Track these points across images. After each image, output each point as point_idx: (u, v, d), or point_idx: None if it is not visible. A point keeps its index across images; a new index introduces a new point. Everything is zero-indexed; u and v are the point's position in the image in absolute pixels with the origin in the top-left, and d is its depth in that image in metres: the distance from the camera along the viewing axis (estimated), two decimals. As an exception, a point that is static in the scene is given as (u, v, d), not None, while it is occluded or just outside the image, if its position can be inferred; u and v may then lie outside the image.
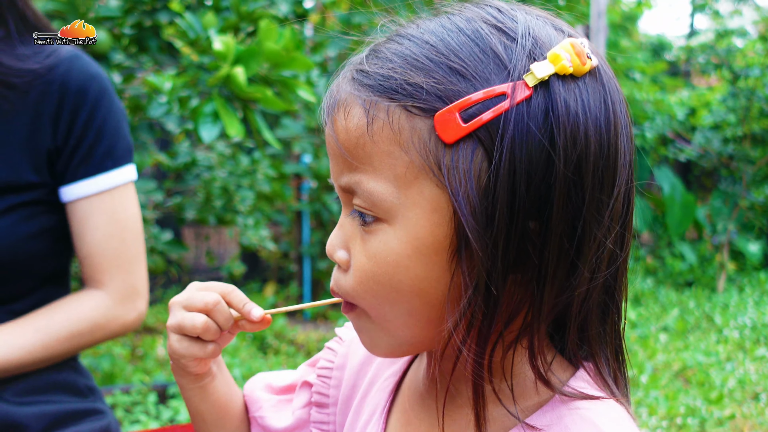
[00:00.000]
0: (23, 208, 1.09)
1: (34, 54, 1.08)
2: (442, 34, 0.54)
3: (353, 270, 0.56)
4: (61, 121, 1.09)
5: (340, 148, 0.55)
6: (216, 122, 1.88)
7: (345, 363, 0.73)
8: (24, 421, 1.09)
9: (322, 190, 4.63)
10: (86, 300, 1.10)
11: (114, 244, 1.13)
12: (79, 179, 1.11)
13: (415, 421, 0.63)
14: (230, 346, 3.93)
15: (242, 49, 1.93)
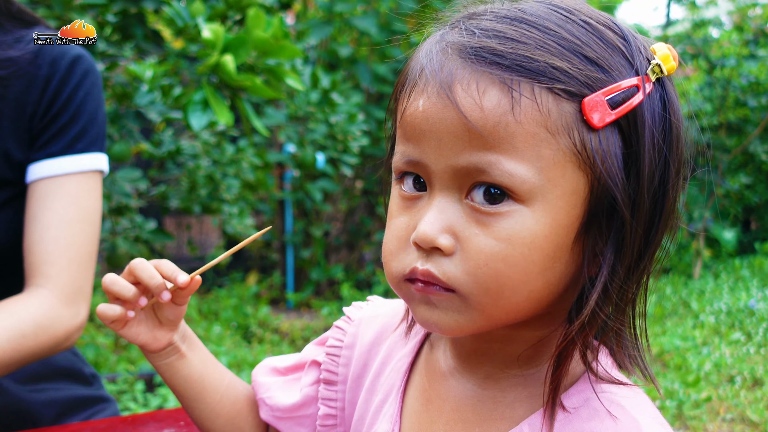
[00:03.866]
0: (19, 201, 1.07)
1: (15, 41, 1.05)
2: (558, 23, 0.56)
3: (471, 253, 0.54)
4: (45, 98, 1.05)
5: (471, 126, 0.53)
6: (205, 110, 1.88)
7: (354, 342, 0.75)
8: (36, 409, 1.10)
9: (305, 179, 4.63)
10: (29, 299, 0.99)
11: (71, 232, 1.03)
12: (46, 158, 1.05)
13: (437, 401, 0.64)
14: (214, 335, 3.94)
15: (231, 38, 1.93)
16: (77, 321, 1.03)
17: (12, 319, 0.96)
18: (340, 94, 2.95)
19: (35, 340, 0.97)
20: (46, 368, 1.17)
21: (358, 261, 5.40)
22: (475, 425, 0.61)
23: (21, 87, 1.05)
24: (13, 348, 0.95)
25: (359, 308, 0.78)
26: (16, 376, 1.12)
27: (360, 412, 0.71)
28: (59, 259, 1.02)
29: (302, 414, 0.76)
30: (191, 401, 0.76)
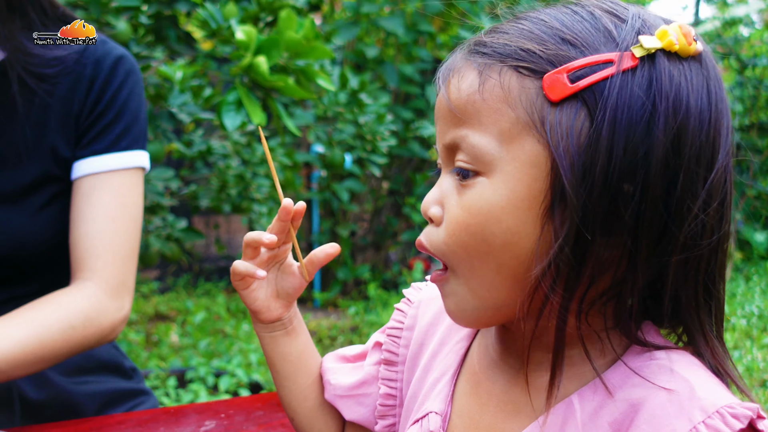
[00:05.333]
0: (65, 197, 1.11)
1: (56, 46, 1.09)
2: (557, 15, 0.59)
3: (446, 222, 0.60)
4: (90, 98, 1.09)
5: (450, 107, 0.59)
6: (239, 111, 1.91)
7: (414, 323, 0.77)
8: (80, 400, 1.14)
9: (332, 179, 4.66)
10: (77, 292, 1.02)
11: (115, 227, 1.06)
12: (91, 155, 1.09)
13: (487, 383, 0.66)
14: (243, 333, 3.98)
15: (263, 39, 1.96)
16: (121, 314, 1.07)
17: (62, 311, 1.00)
18: (368, 95, 2.97)
19: (83, 332, 1.01)
20: (90, 361, 1.20)
21: (385, 261, 5.42)
22: (525, 405, 0.62)
23: (67, 85, 1.09)
24: (64, 339, 0.98)
25: (418, 290, 0.80)
26: (62, 369, 1.15)
27: (414, 389, 0.73)
28: (104, 253, 1.06)
29: (362, 392, 0.78)
30: (284, 379, 0.79)
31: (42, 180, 1.09)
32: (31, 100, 1.07)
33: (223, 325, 4.17)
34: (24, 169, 1.08)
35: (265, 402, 1.10)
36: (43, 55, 1.06)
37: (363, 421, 0.79)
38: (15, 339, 0.93)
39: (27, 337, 0.94)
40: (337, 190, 4.47)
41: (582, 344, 0.58)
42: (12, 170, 1.07)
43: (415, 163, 5.08)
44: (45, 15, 1.09)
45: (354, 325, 4.39)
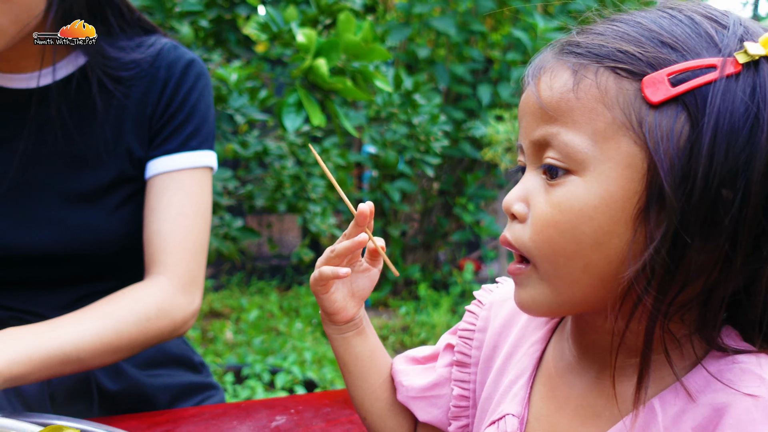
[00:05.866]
0: (139, 197, 1.15)
1: (137, 46, 1.14)
2: (655, 18, 0.59)
3: (533, 219, 0.60)
4: (162, 99, 1.13)
5: (541, 104, 0.60)
6: (299, 112, 1.94)
7: (486, 325, 0.77)
8: (153, 392, 1.18)
9: (384, 179, 4.69)
10: (151, 286, 1.06)
11: (186, 224, 1.10)
12: (163, 155, 1.13)
13: (564, 388, 0.66)
14: (296, 331, 4.04)
15: (323, 41, 1.99)
16: (192, 308, 1.10)
17: (138, 304, 1.04)
18: (422, 96, 2.98)
19: (157, 324, 1.04)
20: (162, 355, 1.24)
21: (434, 261, 5.42)
22: (604, 409, 0.62)
23: (142, 88, 1.13)
24: (139, 330, 1.02)
25: (489, 292, 0.80)
26: (136, 362, 1.20)
27: (488, 391, 0.73)
28: (176, 249, 1.09)
29: (435, 394, 0.79)
30: (356, 379, 0.81)
31: (119, 180, 1.13)
32: (109, 101, 1.12)
33: (276, 323, 4.23)
34: (102, 169, 1.12)
35: (332, 399, 1.12)
36: (120, 58, 1.11)
37: (436, 422, 0.80)
38: (94, 330, 0.97)
39: (105, 328, 0.98)
40: (389, 190, 4.49)
41: (663, 348, 0.58)
42: (91, 170, 1.12)
43: (465, 164, 5.06)
44: (123, 20, 1.14)
45: (405, 325, 4.40)
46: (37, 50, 1.09)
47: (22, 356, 0.89)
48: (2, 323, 1.14)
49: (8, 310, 1.15)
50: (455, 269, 5.19)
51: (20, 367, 0.89)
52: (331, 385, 3.00)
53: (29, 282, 1.14)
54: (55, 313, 1.10)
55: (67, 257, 1.12)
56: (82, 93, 1.11)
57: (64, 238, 1.11)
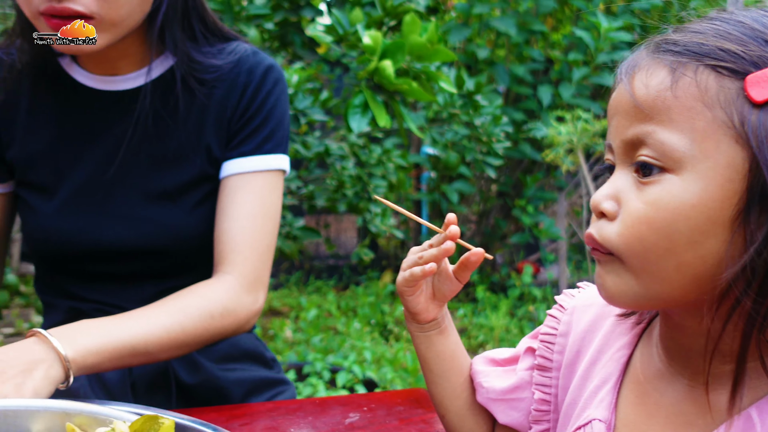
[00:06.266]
0: (216, 195, 1.19)
1: (219, 52, 1.19)
2: (757, 17, 0.59)
3: (624, 216, 0.60)
4: (242, 102, 1.17)
5: (636, 102, 0.59)
6: (365, 114, 1.96)
7: (569, 330, 0.77)
8: (228, 386, 1.21)
9: (442, 180, 4.68)
10: (217, 284, 1.10)
11: (255, 225, 1.13)
12: (238, 156, 1.16)
13: (654, 395, 0.65)
14: (354, 331, 4.07)
15: (389, 43, 2.01)
16: (256, 307, 1.13)
17: (203, 301, 1.07)
18: (483, 97, 2.96)
19: (221, 321, 1.08)
20: (235, 350, 1.28)
21: (492, 264, 5.37)
22: (697, 417, 0.61)
23: (223, 91, 1.17)
24: (204, 327, 1.06)
25: (571, 296, 0.80)
26: (212, 356, 1.23)
27: (572, 396, 0.73)
28: (244, 249, 1.12)
29: (516, 397, 0.79)
30: (437, 377, 0.82)
31: (198, 179, 1.17)
32: (192, 102, 1.16)
33: (334, 323, 4.27)
34: (184, 168, 1.16)
35: (404, 398, 1.13)
36: (204, 62, 1.15)
37: (516, 425, 0.80)
38: (161, 325, 1.01)
39: (172, 323, 1.02)
40: (447, 191, 4.48)
41: (759, 354, 0.57)
42: (174, 169, 1.16)
43: (525, 165, 5.01)
44: (206, 28, 1.18)
45: (462, 327, 4.39)
46: (135, 51, 1.14)
47: (95, 347, 0.94)
48: (87, 315, 1.19)
49: (93, 303, 1.20)
50: (513, 272, 5.14)
51: (93, 357, 0.94)
52: (391, 385, 3.01)
53: (112, 276, 1.18)
54: (135, 306, 1.14)
55: (149, 253, 1.16)
56: (169, 94, 1.16)
57: (146, 235, 1.15)
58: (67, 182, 1.15)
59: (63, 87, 1.17)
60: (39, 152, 1.16)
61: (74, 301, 1.21)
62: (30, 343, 0.91)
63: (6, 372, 0.84)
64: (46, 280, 1.24)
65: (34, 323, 3.86)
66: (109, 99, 1.16)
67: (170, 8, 1.11)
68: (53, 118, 1.16)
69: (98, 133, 1.16)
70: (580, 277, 5.50)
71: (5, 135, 1.17)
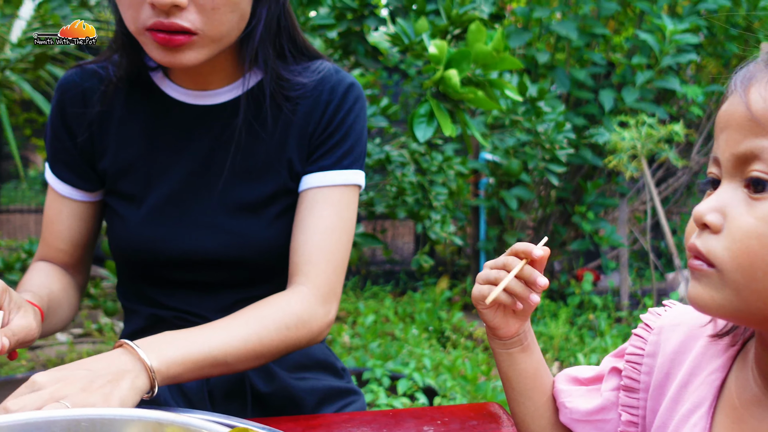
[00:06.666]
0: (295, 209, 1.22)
1: (304, 70, 1.22)
2: None
3: (732, 231, 0.59)
4: (324, 119, 1.20)
5: (751, 116, 0.59)
6: (430, 123, 1.96)
7: (656, 351, 0.76)
8: (300, 395, 1.24)
9: (500, 186, 4.64)
10: (292, 295, 1.12)
11: (331, 238, 1.16)
12: (318, 170, 1.19)
13: (752, 422, 0.64)
14: (412, 338, 4.07)
15: (454, 52, 2.00)
16: (329, 318, 1.15)
17: (279, 312, 1.09)
18: (546, 103, 2.93)
19: (296, 333, 1.10)
20: (308, 359, 1.30)
21: (550, 271, 5.30)
22: None
23: (306, 108, 1.20)
24: (279, 338, 1.08)
25: (657, 316, 0.78)
26: (286, 365, 1.26)
27: (662, 419, 0.72)
28: (319, 261, 1.15)
29: (601, 418, 0.79)
30: (520, 395, 0.82)
31: (279, 192, 1.20)
32: (278, 117, 1.19)
33: (391, 328, 4.29)
34: (266, 181, 1.19)
35: (477, 412, 1.12)
36: (290, 79, 1.19)
37: None
38: (239, 336, 1.04)
39: (249, 335, 1.05)
40: (506, 197, 4.44)
41: None
42: (258, 182, 1.19)
43: (585, 171, 4.93)
44: (295, 47, 1.22)
45: (521, 335, 4.34)
46: (226, 66, 1.18)
47: (179, 358, 0.97)
48: (167, 322, 1.23)
49: (172, 311, 1.24)
50: (572, 279, 5.05)
51: (177, 368, 0.97)
52: (451, 393, 3.00)
53: (193, 284, 1.22)
54: (214, 315, 1.17)
55: (229, 263, 1.19)
56: (258, 109, 1.20)
57: (227, 245, 1.18)
58: (155, 192, 1.19)
59: (154, 100, 1.21)
60: (129, 163, 1.21)
61: (154, 308, 1.25)
62: (117, 353, 0.94)
63: (94, 382, 0.87)
64: (128, 286, 1.29)
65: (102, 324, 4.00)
66: (199, 112, 1.20)
67: (265, 28, 1.15)
68: (144, 130, 1.21)
69: (187, 145, 1.20)
70: (642, 285, 5.37)
71: (99, 146, 1.22)
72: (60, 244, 1.25)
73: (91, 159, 1.23)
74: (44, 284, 1.17)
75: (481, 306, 0.78)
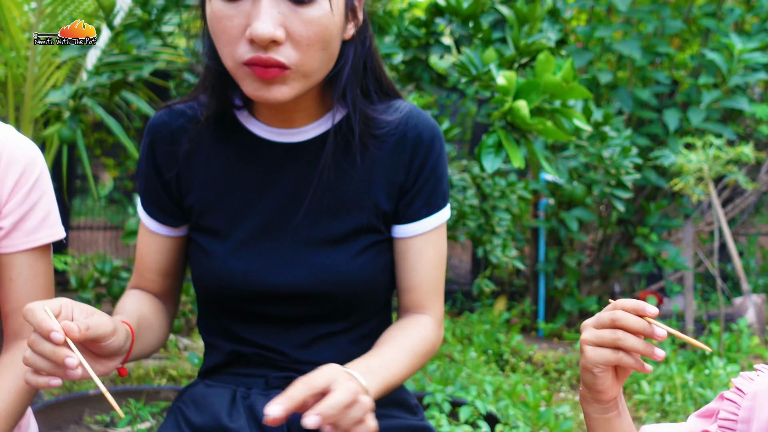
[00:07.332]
0: (378, 245, 1.26)
1: (387, 109, 1.26)
2: None
3: None
4: (413, 167, 1.25)
5: None
6: (498, 153, 1.96)
7: (751, 417, 0.74)
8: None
9: (560, 206, 4.58)
10: (424, 323, 1.25)
11: (438, 273, 1.28)
12: (422, 218, 1.27)
13: None
14: (470, 360, 4.05)
15: (522, 83, 2.00)
16: (441, 341, 1.31)
17: (425, 343, 1.24)
18: (611, 127, 2.89)
19: (429, 357, 1.25)
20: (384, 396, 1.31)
21: (611, 293, 5.19)
22: None
23: (391, 146, 1.25)
24: (422, 363, 1.22)
25: (750, 380, 0.77)
26: None
27: None
28: (433, 294, 1.29)
29: None
30: None
31: (364, 229, 1.24)
32: (364, 154, 1.24)
33: (449, 350, 4.27)
34: (351, 218, 1.23)
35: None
36: (376, 117, 1.23)
37: None
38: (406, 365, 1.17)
39: (405, 364, 1.17)
40: (566, 218, 4.39)
41: None
42: (342, 217, 1.23)
43: (648, 191, 4.82)
44: (380, 87, 1.27)
45: (581, 359, 4.26)
46: (310, 105, 1.22)
47: (381, 388, 1.10)
48: (247, 359, 1.27)
49: (253, 347, 1.27)
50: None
51: (377, 393, 1.09)
52: (514, 421, 2.97)
53: (274, 318, 1.25)
54: (292, 350, 1.21)
55: (311, 296, 1.22)
56: (344, 145, 1.24)
57: (310, 279, 1.22)
58: (240, 227, 1.23)
59: (240, 138, 1.26)
60: (215, 199, 1.25)
61: (236, 345, 1.28)
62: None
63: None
64: (210, 320, 1.33)
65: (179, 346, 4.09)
66: (285, 149, 1.24)
67: (352, 68, 1.19)
68: (229, 167, 1.25)
69: (272, 181, 1.24)
70: (707, 309, 5.21)
71: (186, 183, 1.27)
72: (150, 274, 1.32)
73: (178, 196, 1.28)
74: (135, 308, 1.24)
75: (597, 369, 0.77)
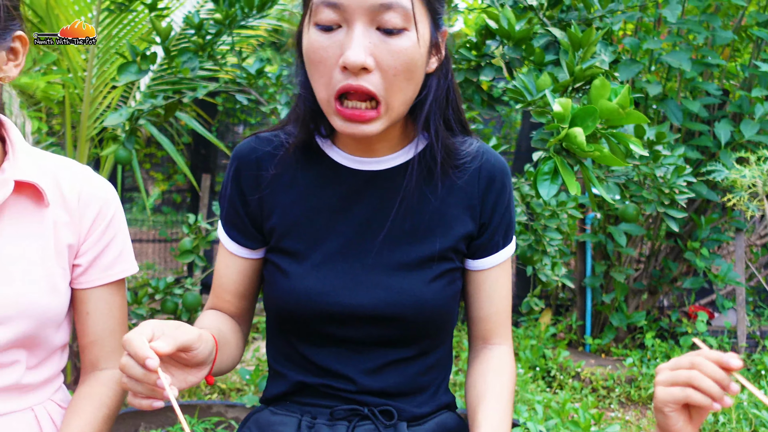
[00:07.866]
0: (450, 273, 1.30)
1: (461, 143, 1.34)
2: None
3: None
4: (487, 201, 1.32)
5: None
6: (554, 180, 1.96)
7: None
8: None
9: (608, 220, 4.53)
10: (505, 359, 1.35)
11: (509, 301, 1.38)
12: (495, 252, 1.35)
13: None
14: (519, 379, 4.02)
15: (578, 109, 1.99)
16: None
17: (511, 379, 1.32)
18: (664, 146, 2.85)
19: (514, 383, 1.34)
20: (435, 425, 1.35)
21: (660, 308, 5.11)
22: None
23: (467, 178, 1.31)
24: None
25: None
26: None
27: None
28: (507, 322, 1.39)
29: None
30: None
31: (438, 256, 1.28)
32: (443, 182, 1.30)
33: (495, 365, 4.25)
34: (428, 244, 1.28)
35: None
36: (456, 149, 1.31)
37: None
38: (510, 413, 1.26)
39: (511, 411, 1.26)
40: (614, 232, 4.33)
41: None
42: (419, 244, 1.28)
43: (698, 204, 4.73)
44: (459, 121, 1.34)
45: (631, 376, 4.20)
46: (393, 136, 1.28)
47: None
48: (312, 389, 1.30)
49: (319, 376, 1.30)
50: (684, 317, 4.85)
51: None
52: (566, 444, 2.94)
53: (345, 342, 1.29)
54: (360, 376, 1.25)
55: (383, 318, 1.26)
56: (426, 173, 1.30)
57: (384, 301, 1.25)
58: (319, 249, 1.28)
59: (322, 165, 1.31)
60: (295, 221, 1.30)
61: (302, 374, 1.31)
62: None
63: None
64: (278, 344, 1.36)
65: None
66: (365, 177, 1.29)
67: (435, 99, 1.25)
68: (310, 192, 1.31)
69: (351, 207, 1.28)
70: (760, 325, 5.08)
71: (268, 206, 1.32)
72: (227, 295, 1.38)
73: (259, 219, 1.33)
74: (215, 324, 1.31)
75: (668, 408, 0.78)
